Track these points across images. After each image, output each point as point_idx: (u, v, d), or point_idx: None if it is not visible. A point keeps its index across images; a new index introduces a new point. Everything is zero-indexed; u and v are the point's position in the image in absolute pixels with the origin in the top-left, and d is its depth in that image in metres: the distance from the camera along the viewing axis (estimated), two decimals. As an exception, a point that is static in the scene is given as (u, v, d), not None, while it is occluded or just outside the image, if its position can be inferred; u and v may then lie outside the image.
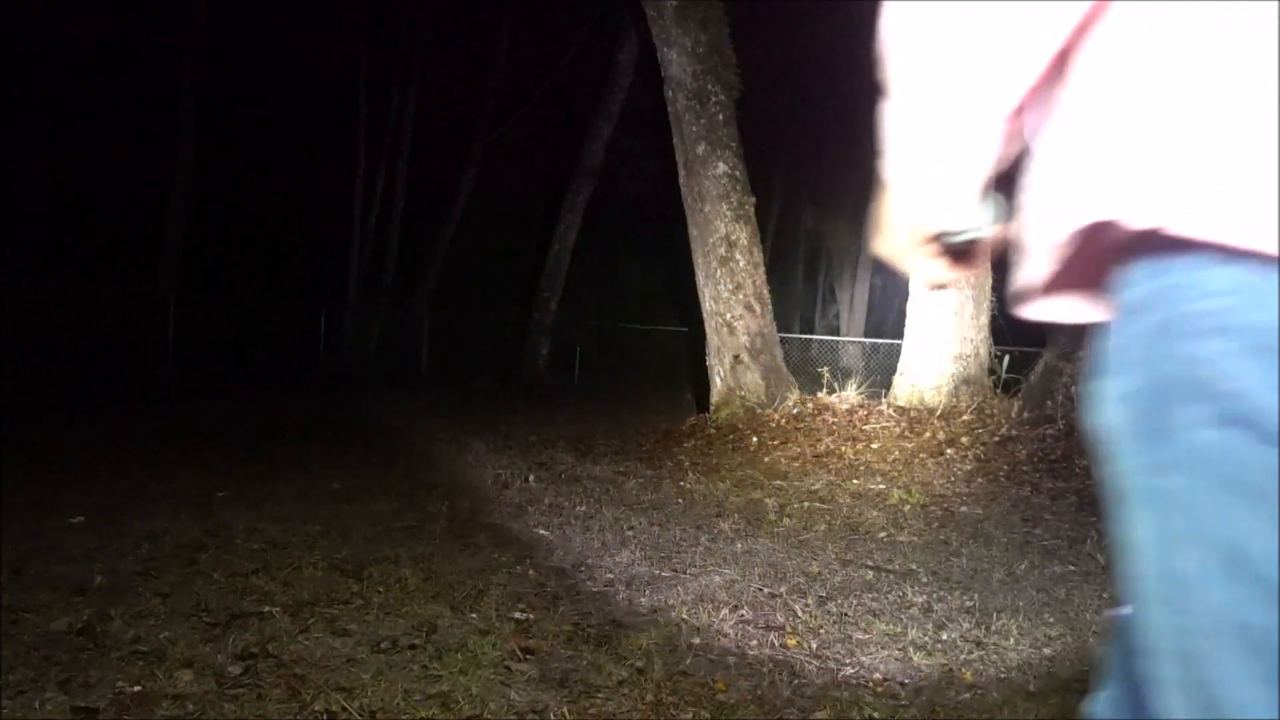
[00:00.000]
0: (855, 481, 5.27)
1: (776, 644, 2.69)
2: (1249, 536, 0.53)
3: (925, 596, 3.22)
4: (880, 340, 13.23)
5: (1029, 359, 6.80)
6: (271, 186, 15.08)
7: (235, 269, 14.60)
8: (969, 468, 5.64)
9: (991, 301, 6.99)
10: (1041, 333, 6.29)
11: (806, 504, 4.72)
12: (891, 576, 3.47)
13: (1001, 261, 0.76)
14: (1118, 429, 0.60)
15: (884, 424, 6.43)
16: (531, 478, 5.10)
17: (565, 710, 2.18)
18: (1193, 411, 0.55)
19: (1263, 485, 0.52)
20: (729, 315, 7.48)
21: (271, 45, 13.72)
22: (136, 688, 2.20)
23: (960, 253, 0.72)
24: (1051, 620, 3.00)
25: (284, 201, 15.25)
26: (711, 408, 7.52)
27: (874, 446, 6.03)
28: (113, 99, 13.03)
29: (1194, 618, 0.56)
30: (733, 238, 7.50)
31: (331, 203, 15.54)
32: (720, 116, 7.62)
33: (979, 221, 0.66)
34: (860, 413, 6.77)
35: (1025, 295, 0.68)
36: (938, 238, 0.71)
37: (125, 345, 11.42)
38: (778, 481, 5.26)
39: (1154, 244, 0.58)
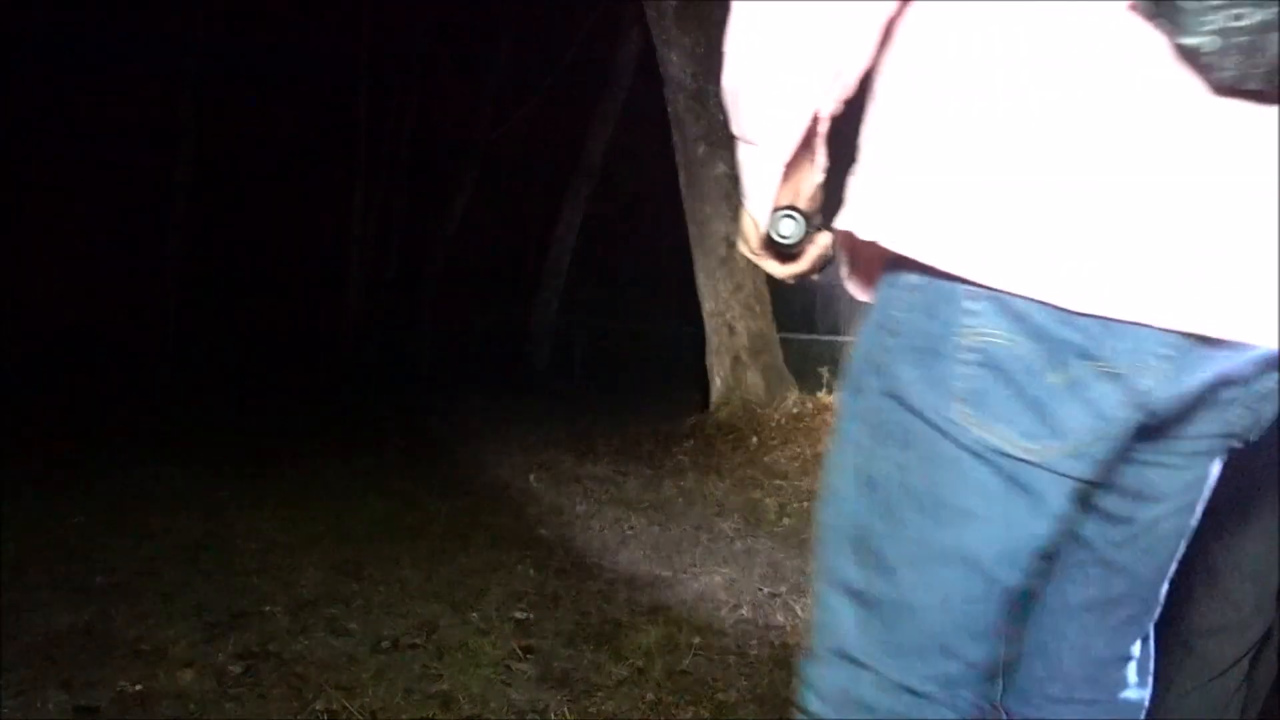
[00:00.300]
0: (855, 481, 5.27)
1: (776, 644, 2.69)
2: (878, 468, 0.80)
3: (925, 596, 3.22)
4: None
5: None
6: (272, 186, 15.09)
7: (236, 268, 14.59)
8: (969, 468, 5.63)
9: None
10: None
11: (806, 504, 4.72)
12: (891, 576, 3.47)
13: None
14: (846, 387, 0.85)
15: (884, 424, 6.41)
16: (531, 478, 5.10)
17: (565, 710, 2.19)
18: (873, 382, 0.80)
19: (896, 437, 0.78)
20: (729, 315, 7.48)
21: (273, 44, 13.73)
22: (138, 687, 2.21)
23: (789, 255, 0.93)
24: (1051, 620, 3.00)
25: (285, 201, 15.26)
26: (711, 408, 7.51)
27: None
28: (115, 95, 13.03)
29: (837, 518, 0.84)
30: (733, 238, 7.49)
31: (332, 203, 15.55)
32: (720, 116, 7.62)
33: (792, 234, 0.88)
34: (860, 413, 6.74)
35: (841, 283, 0.94)
36: (769, 243, 0.91)
37: (126, 344, 11.42)
38: (778, 481, 5.26)
39: (885, 259, 0.79)
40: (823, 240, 0.93)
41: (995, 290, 0.70)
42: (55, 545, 3.32)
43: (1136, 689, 0.96)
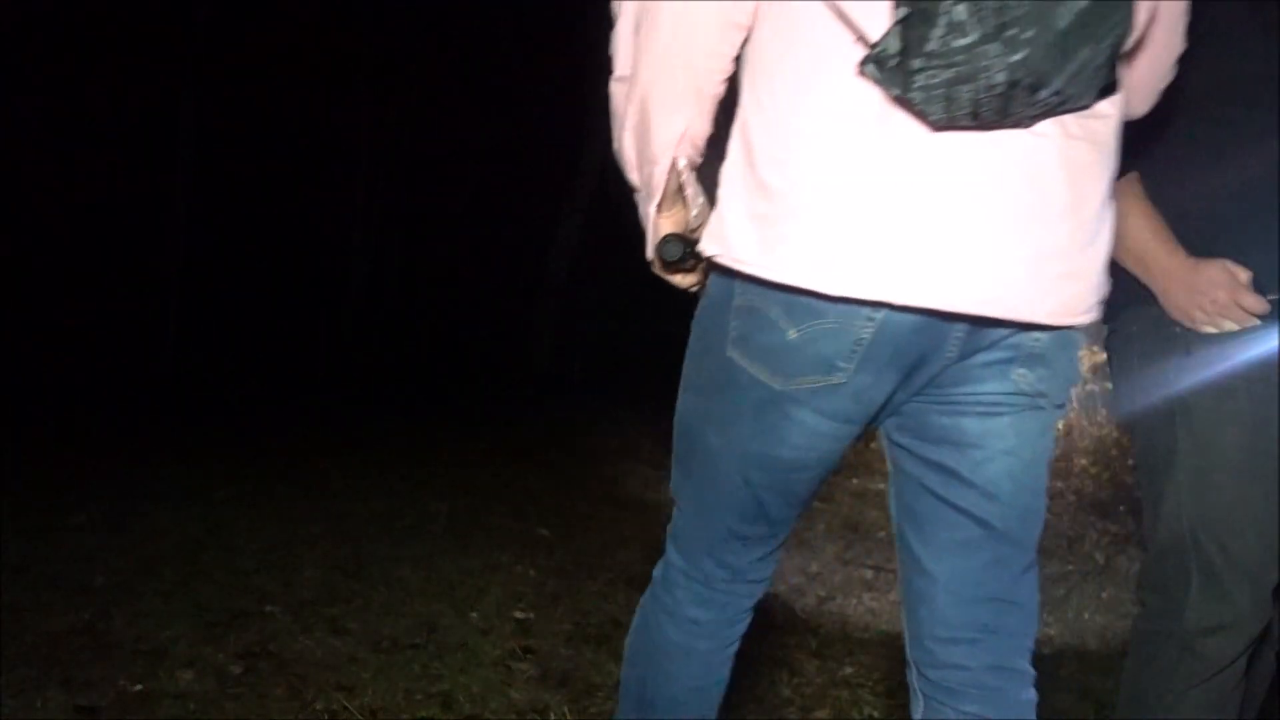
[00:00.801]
0: (855, 481, 5.28)
1: (776, 644, 2.69)
2: (689, 381, 1.17)
3: (924, 596, 3.22)
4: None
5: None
6: (272, 185, 15.08)
7: (236, 267, 14.59)
8: (968, 468, 5.63)
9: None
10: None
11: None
12: (891, 576, 3.47)
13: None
14: (694, 338, 1.18)
15: (883, 424, 6.42)
16: (531, 478, 5.10)
17: (565, 710, 2.19)
18: (696, 327, 1.17)
19: (699, 364, 1.15)
20: (729, 315, 7.47)
21: (274, 43, 13.74)
22: (138, 687, 2.21)
23: (682, 270, 1.18)
24: (1050, 620, 3.01)
25: (285, 200, 15.26)
26: (711, 408, 7.49)
27: (873, 446, 6.03)
28: (114, 95, 13.03)
29: (679, 413, 1.20)
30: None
31: (332, 202, 15.55)
32: (719, 117, 7.61)
33: (674, 255, 1.13)
34: (860, 413, 6.75)
35: None
36: (660, 259, 1.16)
37: (126, 343, 11.41)
38: (777, 481, 5.26)
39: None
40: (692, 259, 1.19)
41: (759, 277, 1.02)
42: (55, 545, 3.32)
43: (1020, 635, 1.13)
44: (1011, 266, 0.98)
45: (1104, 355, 1.61)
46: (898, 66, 0.90)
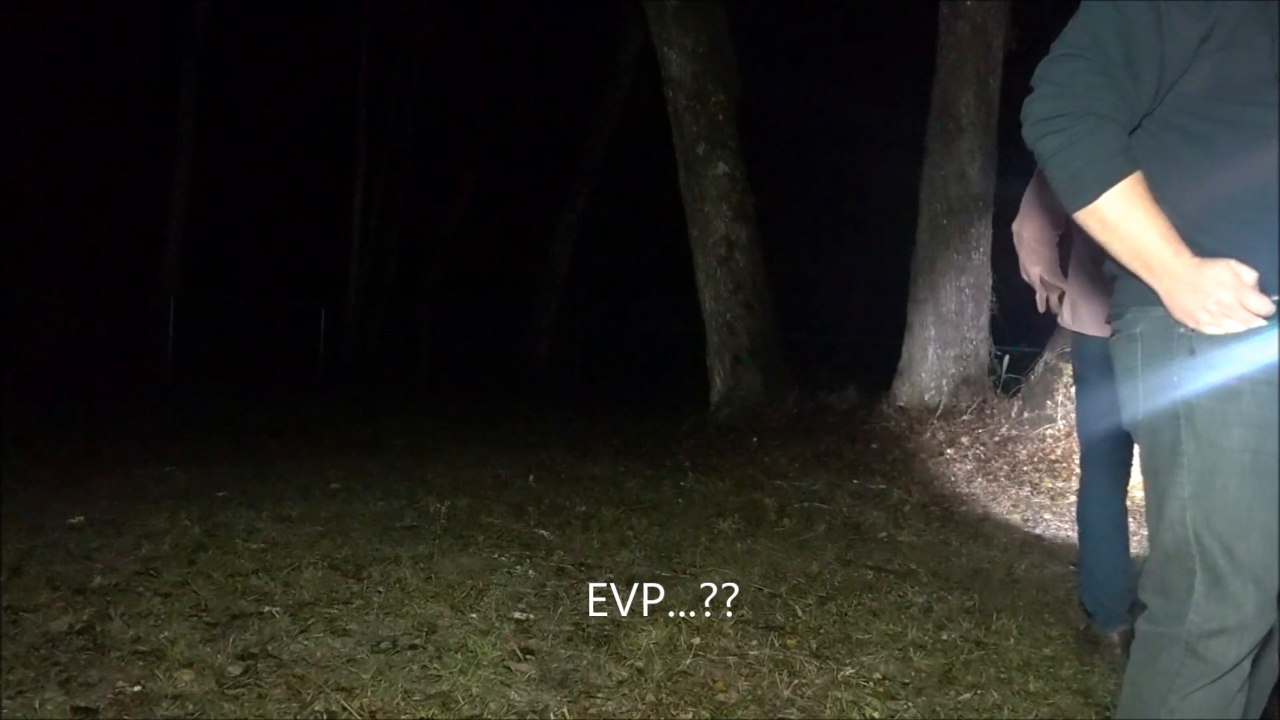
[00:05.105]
0: (855, 481, 5.27)
1: (776, 644, 2.68)
2: None
3: (925, 596, 3.22)
4: (880, 340, 13.20)
5: (1029, 359, 6.79)
6: (272, 187, 15.07)
7: (235, 269, 14.57)
8: (969, 468, 5.64)
9: (992, 301, 6.95)
10: (1042, 333, 6.29)
11: (806, 504, 4.71)
12: (891, 576, 3.47)
13: (1001, 262, 1.32)
14: None
15: (884, 424, 6.43)
16: (531, 478, 5.09)
17: (565, 710, 2.18)
18: None
19: None
20: (729, 315, 7.48)
21: (273, 44, 13.72)
22: (136, 688, 2.20)
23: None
24: (1051, 620, 3.00)
25: (284, 202, 15.25)
26: (711, 408, 7.51)
27: (874, 446, 6.03)
28: (114, 98, 13.01)
29: None
30: (733, 238, 7.50)
31: (331, 203, 15.54)
32: (720, 116, 7.62)
33: None
34: (860, 413, 6.77)
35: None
36: None
37: (125, 345, 11.40)
38: (778, 481, 5.26)
39: None
40: None
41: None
42: (54, 545, 3.31)
43: None
44: None
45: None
46: None
